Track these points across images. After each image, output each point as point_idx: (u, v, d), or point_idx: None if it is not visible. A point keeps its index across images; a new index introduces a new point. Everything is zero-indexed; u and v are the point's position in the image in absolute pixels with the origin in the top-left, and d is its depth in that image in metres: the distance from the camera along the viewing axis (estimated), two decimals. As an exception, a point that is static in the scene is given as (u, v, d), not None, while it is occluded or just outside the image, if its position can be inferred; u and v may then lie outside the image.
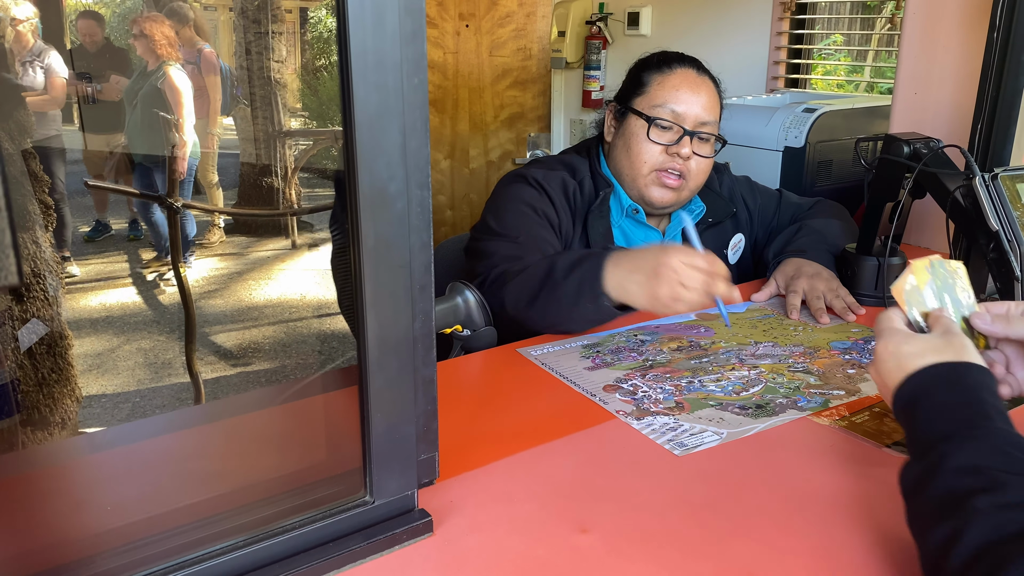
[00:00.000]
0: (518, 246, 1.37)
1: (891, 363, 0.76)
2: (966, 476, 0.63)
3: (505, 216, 1.43)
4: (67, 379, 1.97)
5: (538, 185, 1.45)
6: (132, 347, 3.67)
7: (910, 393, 0.73)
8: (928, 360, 0.74)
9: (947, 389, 0.71)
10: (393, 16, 0.62)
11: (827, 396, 1.03)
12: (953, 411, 0.69)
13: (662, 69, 1.47)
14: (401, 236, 0.66)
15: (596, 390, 1.04)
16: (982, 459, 0.63)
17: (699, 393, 1.04)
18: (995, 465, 0.63)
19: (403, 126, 0.64)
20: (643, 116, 1.44)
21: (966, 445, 0.65)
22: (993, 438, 0.65)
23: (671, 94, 1.44)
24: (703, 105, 1.44)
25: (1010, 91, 1.30)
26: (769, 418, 0.97)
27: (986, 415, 0.67)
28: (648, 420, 0.96)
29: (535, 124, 3.94)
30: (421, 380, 0.71)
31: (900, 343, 0.77)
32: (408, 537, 0.73)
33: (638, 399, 1.02)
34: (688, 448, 0.90)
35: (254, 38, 5.17)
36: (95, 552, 0.65)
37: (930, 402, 0.71)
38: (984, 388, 0.70)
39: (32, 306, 1.86)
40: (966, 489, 0.62)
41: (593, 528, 0.76)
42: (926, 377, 0.73)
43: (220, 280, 4.67)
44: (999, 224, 1.09)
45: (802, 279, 1.36)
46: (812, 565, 0.71)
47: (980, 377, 0.71)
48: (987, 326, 0.82)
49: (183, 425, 1.03)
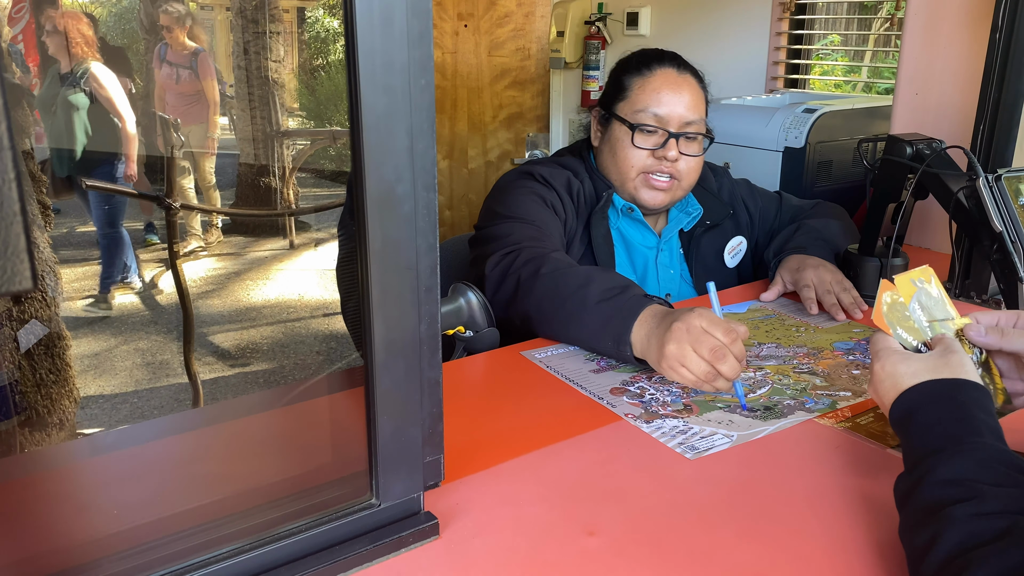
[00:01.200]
0: (536, 228, 1.33)
1: (888, 383, 0.78)
2: (948, 487, 0.65)
3: (516, 204, 1.39)
4: (65, 380, 1.97)
5: (544, 181, 1.44)
6: (130, 348, 3.66)
7: (904, 408, 0.75)
8: (923, 378, 0.75)
9: (938, 405, 0.73)
10: (401, 18, 0.61)
11: (834, 397, 1.03)
12: (944, 426, 0.70)
13: (642, 71, 1.46)
14: (408, 238, 0.66)
15: (603, 393, 1.04)
16: (966, 472, 0.65)
17: (707, 396, 1.03)
18: (977, 477, 0.64)
19: (410, 128, 0.64)
20: (626, 123, 1.44)
21: (953, 459, 0.67)
22: (979, 452, 0.66)
23: (652, 97, 1.43)
24: (686, 105, 1.43)
25: (1013, 91, 1.30)
26: (778, 420, 0.97)
27: (976, 431, 0.68)
28: (658, 423, 0.96)
29: (534, 124, 3.94)
30: (427, 382, 0.71)
31: (896, 363, 0.78)
32: (414, 540, 0.73)
33: (646, 402, 1.01)
34: (700, 451, 0.89)
35: (252, 38, 5.16)
36: (98, 557, 0.65)
37: (922, 417, 0.72)
38: (976, 404, 0.71)
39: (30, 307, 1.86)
40: (947, 499, 0.63)
41: (601, 531, 0.75)
42: (919, 393, 0.74)
43: (218, 280, 4.66)
44: (1003, 225, 1.09)
45: (808, 270, 1.36)
46: (821, 569, 0.71)
47: (973, 394, 0.72)
48: (981, 338, 0.82)
49: (187, 428, 1.03)
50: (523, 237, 1.30)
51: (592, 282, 1.14)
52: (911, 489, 0.68)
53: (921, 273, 0.84)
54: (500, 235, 1.33)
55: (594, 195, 1.48)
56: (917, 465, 0.69)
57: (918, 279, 0.84)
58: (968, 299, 1.39)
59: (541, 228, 1.34)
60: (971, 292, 1.39)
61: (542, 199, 1.41)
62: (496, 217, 1.38)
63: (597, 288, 1.13)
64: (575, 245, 1.45)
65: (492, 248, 1.31)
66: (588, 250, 1.46)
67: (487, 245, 1.34)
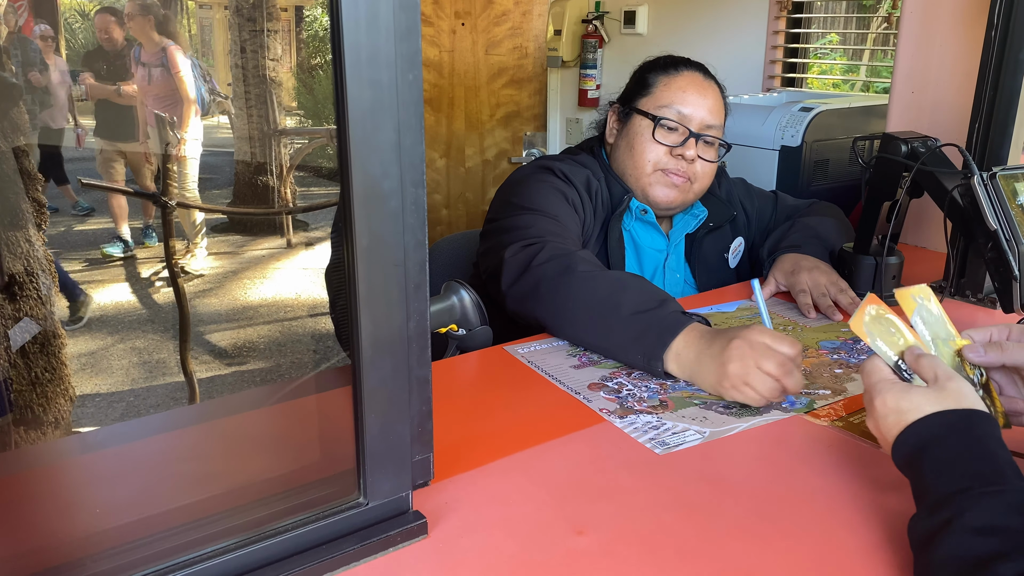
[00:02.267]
0: (558, 223, 1.29)
1: (892, 418, 0.74)
2: (984, 537, 0.61)
3: (536, 197, 1.35)
4: (60, 378, 1.96)
5: (565, 177, 1.41)
6: (126, 346, 3.66)
7: (913, 444, 0.71)
8: (927, 410, 0.71)
9: (954, 439, 0.69)
10: (387, 12, 0.61)
11: (812, 396, 1.02)
12: (965, 463, 0.67)
13: (668, 71, 1.46)
14: (395, 234, 0.66)
15: (581, 388, 1.03)
16: (997, 518, 0.61)
17: (684, 392, 1.03)
18: (1011, 524, 0.61)
19: (397, 123, 0.63)
20: (648, 116, 1.43)
21: (983, 501, 0.63)
22: (1009, 495, 0.63)
23: (678, 95, 1.43)
24: (709, 108, 1.43)
25: (1008, 90, 1.30)
26: (753, 417, 0.96)
27: (999, 470, 0.65)
28: (631, 419, 0.95)
29: (531, 123, 3.93)
30: (416, 380, 0.70)
31: (899, 398, 0.74)
32: (402, 539, 0.72)
33: (622, 397, 1.01)
34: (669, 447, 0.89)
35: (249, 36, 5.15)
36: (87, 554, 0.64)
37: (938, 452, 0.68)
38: (992, 439, 0.68)
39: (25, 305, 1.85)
40: (988, 553, 0.59)
41: (589, 530, 0.75)
42: (928, 427, 0.71)
43: (215, 279, 4.66)
44: (997, 223, 1.08)
45: (802, 273, 1.35)
46: (810, 565, 0.71)
47: (986, 427, 0.69)
48: (981, 358, 0.79)
49: (176, 425, 1.02)
50: (545, 231, 1.26)
51: (627, 290, 1.11)
52: (936, 533, 0.63)
53: (920, 291, 0.84)
54: (520, 226, 1.28)
55: (609, 196, 1.46)
56: (940, 506, 0.65)
57: (918, 295, 0.83)
58: (963, 298, 1.39)
59: (562, 224, 1.31)
60: (966, 291, 1.38)
61: (563, 195, 1.38)
62: (514, 208, 1.34)
63: (633, 298, 1.09)
64: (591, 246, 1.43)
65: (511, 238, 1.26)
66: (603, 251, 1.44)
67: (504, 235, 1.28)
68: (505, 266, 1.22)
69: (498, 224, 1.34)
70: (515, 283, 1.20)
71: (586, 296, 1.13)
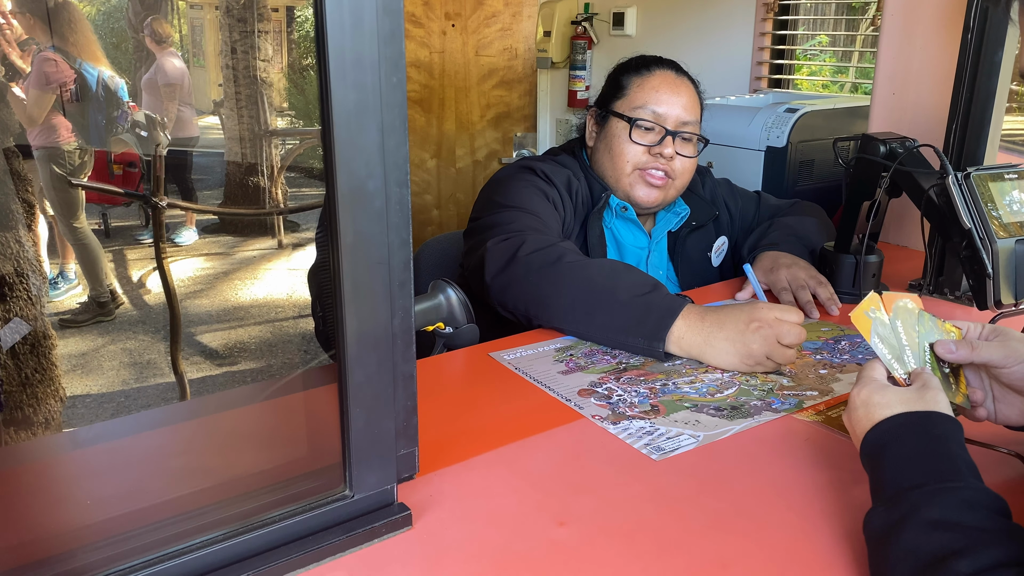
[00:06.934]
0: (538, 219, 1.32)
1: (861, 411, 0.77)
2: (938, 532, 0.62)
3: (517, 195, 1.38)
4: (51, 379, 1.97)
5: (546, 177, 1.44)
6: (116, 347, 3.65)
7: (877, 440, 0.74)
8: (896, 410, 0.74)
9: (913, 438, 0.71)
10: (371, 16, 0.62)
11: (801, 397, 1.04)
12: (922, 461, 0.69)
13: (641, 72, 1.48)
14: (379, 233, 0.67)
15: (571, 395, 1.04)
16: (951, 514, 0.63)
17: (674, 395, 1.04)
18: (964, 520, 0.62)
19: (381, 124, 0.65)
20: (624, 118, 1.46)
21: (937, 498, 0.65)
22: (963, 492, 0.65)
23: (651, 95, 1.45)
24: (683, 105, 1.45)
25: (984, 91, 1.32)
26: (745, 419, 0.98)
27: (957, 469, 0.67)
28: (624, 424, 0.96)
29: (521, 124, 3.95)
30: (400, 375, 0.72)
31: (873, 392, 0.77)
32: (387, 531, 0.74)
33: (613, 403, 1.01)
34: (665, 452, 0.90)
35: (240, 37, 5.14)
36: (75, 547, 0.66)
37: (899, 450, 0.71)
38: (951, 439, 0.70)
39: (15, 305, 1.86)
40: (944, 549, 0.61)
41: (571, 521, 0.77)
42: (894, 425, 0.73)
43: (205, 280, 4.65)
44: (971, 222, 1.11)
45: (781, 270, 1.38)
46: (788, 558, 0.73)
47: (946, 427, 0.71)
48: (952, 354, 0.82)
49: (164, 422, 1.04)
50: (526, 225, 1.29)
51: (620, 276, 1.15)
52: (892, 527, 0.65)
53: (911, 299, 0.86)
54: (502, 222, 1.31)
55: (590, 196, 1.48)
56: (896, 500, 0.67)
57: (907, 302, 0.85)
58: (941, 295, 1.42)
59: (543, 220, 1.33)
60: (944, 288, 1.41)
61: (544, 194, 1.40)
62: (496, 206, 1.36)
63: (627, 284, 1.14)
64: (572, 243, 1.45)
65: (493, 233, 1.29)
66: (583, 249, 1.46)
67: (487, 232, 1.31)
68: (488, 257, 1.25)
69: (481, 222, 1.37)
70: (499, 274, 1.23)
71: (578, 283, 1.16)
